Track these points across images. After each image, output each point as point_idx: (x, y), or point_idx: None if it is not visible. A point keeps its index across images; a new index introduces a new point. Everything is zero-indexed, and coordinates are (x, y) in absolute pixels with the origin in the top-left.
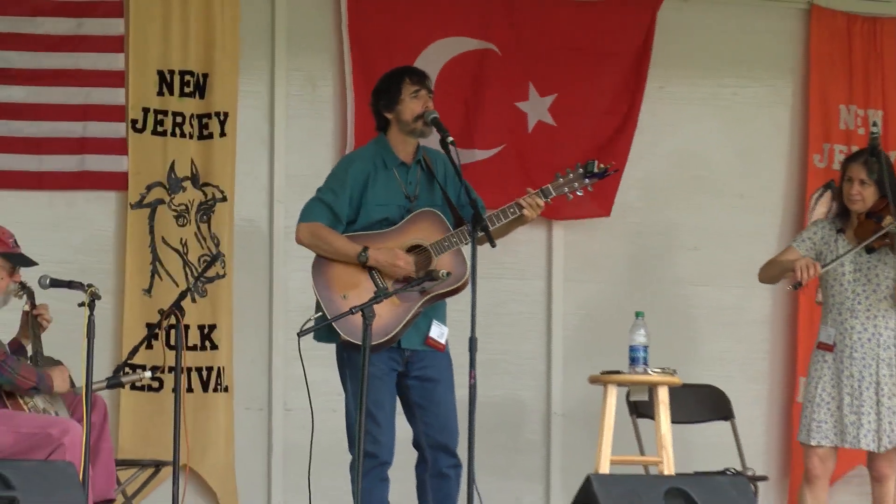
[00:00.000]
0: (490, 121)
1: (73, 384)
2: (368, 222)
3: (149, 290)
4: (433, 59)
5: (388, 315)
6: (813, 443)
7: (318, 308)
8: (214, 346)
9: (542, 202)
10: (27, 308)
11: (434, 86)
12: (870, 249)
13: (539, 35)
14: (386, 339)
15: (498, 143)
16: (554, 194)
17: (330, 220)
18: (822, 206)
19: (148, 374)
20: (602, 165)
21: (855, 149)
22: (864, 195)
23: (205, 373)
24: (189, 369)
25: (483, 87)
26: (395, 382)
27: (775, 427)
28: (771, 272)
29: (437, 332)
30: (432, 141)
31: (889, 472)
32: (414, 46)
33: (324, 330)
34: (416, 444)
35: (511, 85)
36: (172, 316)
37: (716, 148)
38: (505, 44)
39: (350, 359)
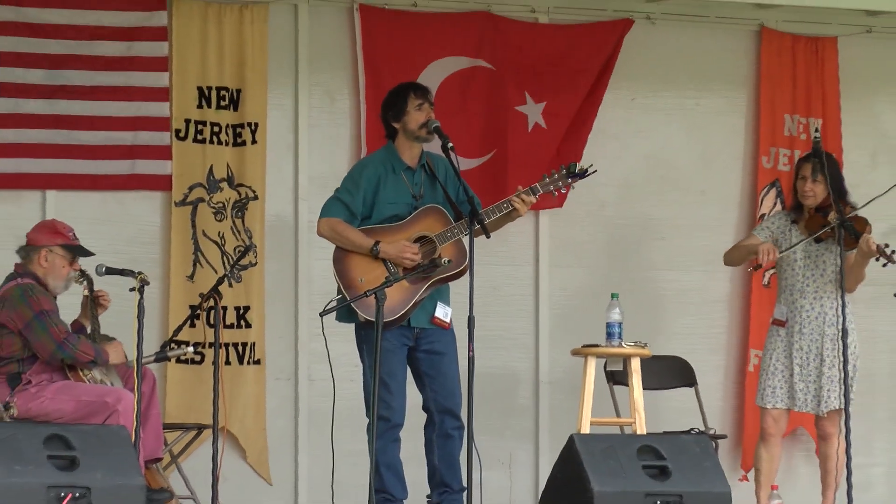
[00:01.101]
0: (487, 127)
1: (126, 358)
2: (381, 218)
3: (191, 277)
4: (434, 75)
5: (397, 297)
6: (768, 406)
7: (339, 292)
8: (248, 325)
9: (531, 199)
10: (86, 293)
11: (434, 98)
12: (818, 240)
13: (523, 53)
14: (396, 317)
15: (489, 150)
16: (541, 192)
17: (346, 216)
18: (768, 201)
19: (191, 349)
20: (582, 167)
21: (798, 152)
22: (815, 191)
23: (240, 348)
24: (226, 345)
25: (478, 98)
26: (406, 356)
27: (732, 392)
28: (735, 255)
29: (442, 312)
30: (434, 146)
31: (833, 431)
32: (418, 65)
33: (344, 311)
34: (426, 408)
35: (510, 93)
36: (212, 299)
37: (680, 151)
38: (496, 60)
39: (366, 335)
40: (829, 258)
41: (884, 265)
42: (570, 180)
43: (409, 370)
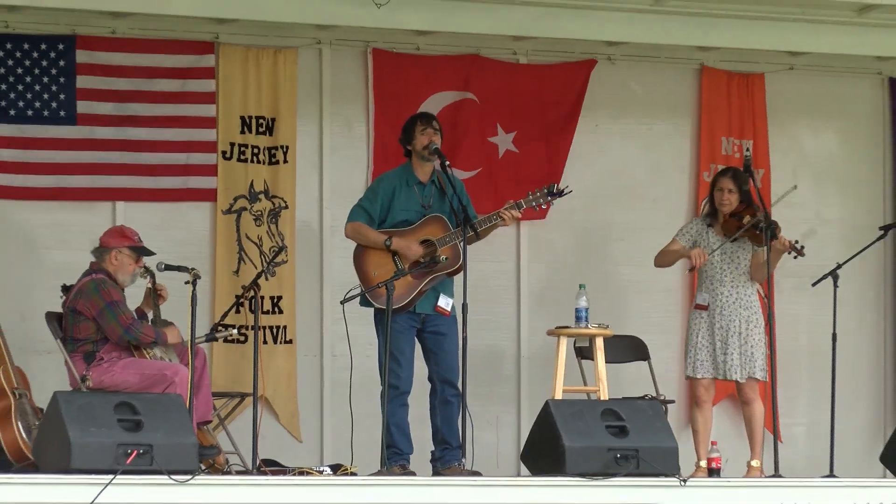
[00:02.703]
0: (471, 149)
1: (181, 339)
2: (394, 222)
3: (236, 272)
4: (432, 106)
5: (404, 288)
6: (698, 376)
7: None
8: (281, 311)
9: (517, 213)
10: (149, 285)
11: None
12: (734, 239)
13: (503, 88)
14: (402, 304)
15: (475, 168)
16: (525, 207)
17: (367, 220)
18: (708, 208)
19: (235, 331)
20: (560, 188)
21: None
22: (730, 200)
23: (274, 330)
24: (264, 327)
25: (465, 125)
26: (414, 335)
27: (679, 365)
28: (665, 259)
29: (444, 302)
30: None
31: (753, 396)
32: (419, 98)
33: (365, 299)
34: (430, 378)
35: (484, 125)
36: (252, 290)
37: (636, 167)
38: (480, 94)
39: (381, 319)
40: (742, 254)
41: (794, 258)
42: (549, 198)
43: (418, 347)
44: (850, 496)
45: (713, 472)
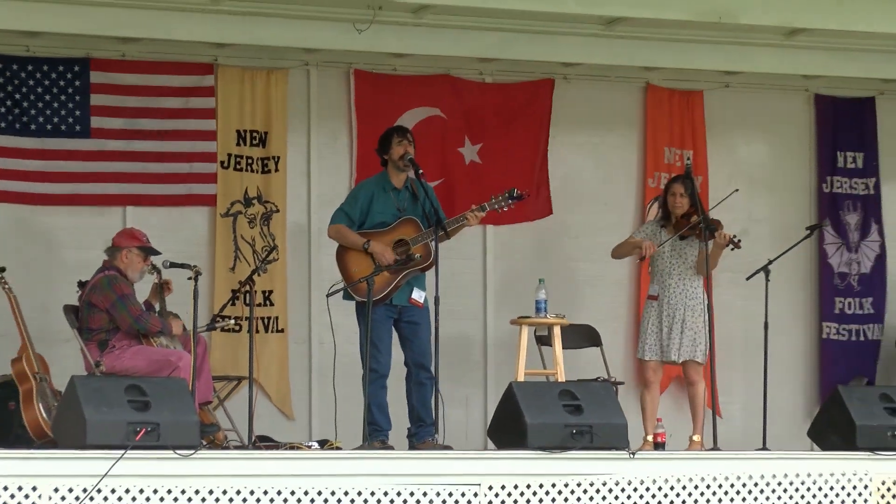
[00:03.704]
0: (439, 160)
1: (184, 329)
2: (372, 224)
3: (232, 269)
4: (407, 121)
5: (382, 283)
6: (647, 358)
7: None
8: (272, 304)
9: (481, 214)
10: (156, 281)
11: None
12: (682, 237)
13: (470, 105)
14: (380, 297)
15: (442, 176)
16: (488, 209)
17: (347, 223)
18: (653, 211)
19: (232, 321)
20: (520, 192)
21: (674, 175)
22: (682, 204)
23: (267, 321)
24: (257, 318)
25: (434, 137)
26: (391, 325)
27: (628, 350)
28: (622, 251)
29: (418, 295)
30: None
31: (696, 378)
32: (395, 114)
33: (348, 293)
34: (406, 363)
35: (454, 138)
36: (247, 285)
37: (590, 174)
38: (449, 111)
39: (361, 311)
40: (689, 251)
41: (732, 249)
42: (510, 202)
43: (396, 336)
44: (781, 467)
45: (658, 445)
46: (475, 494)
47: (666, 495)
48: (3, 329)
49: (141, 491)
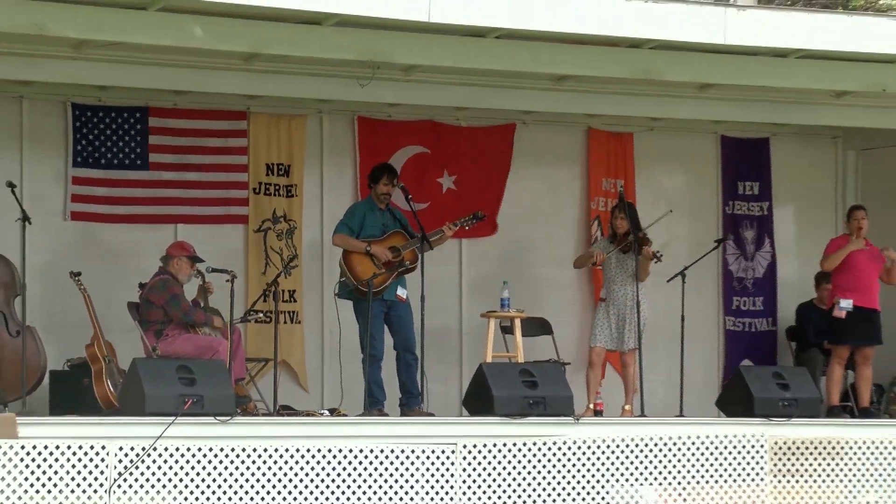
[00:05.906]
0: (422, 187)
1: (223, 321)
2: (364, 236)
3: (263, 273)
4: (400, 157)
5: (377, 282)
6: (595, 345)
7: (342, 275)
8: (294, 301)
9: (454, 229)
10: (201, 283)
11: (401, 171)
12: (624, 251)
13: (449, 144)
14: (377, 290)
15: (426, 201)
16: (458, 226)
17: (349, 233)
18: (594, 228)
19: (262, 315)
20: (481, 213)
21: (611, 200)
22: (622, 224)
23: (290, 314)
24: (282, 312)
25: (419, 170)
26: (384, 317)
27: (577, 339)
28: (581, 261)
29: (401, 292)
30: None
31: (629, 361)
32: (389, 151)
33: (344, 292)
34: (395, 347)
35: (435, 170)
36: (274, 286)
37: (544, 201)
38: (431, 148)
39: (359, 306)
40: (629, 262)
41: (655, 262)
42: (474, 221)
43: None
44: (695, 431)
45: (598, 413)
46: (453, 451)
47: (604, 452)
48: (79, 321)
49: (189, 449)
